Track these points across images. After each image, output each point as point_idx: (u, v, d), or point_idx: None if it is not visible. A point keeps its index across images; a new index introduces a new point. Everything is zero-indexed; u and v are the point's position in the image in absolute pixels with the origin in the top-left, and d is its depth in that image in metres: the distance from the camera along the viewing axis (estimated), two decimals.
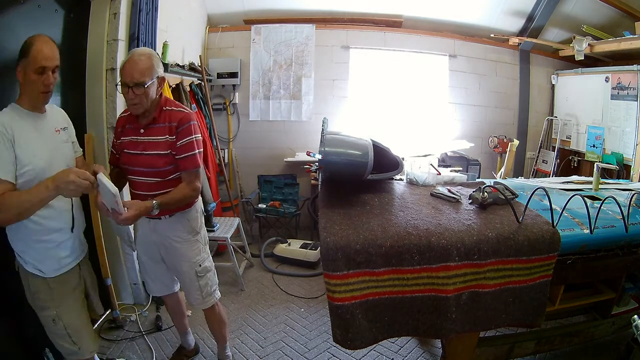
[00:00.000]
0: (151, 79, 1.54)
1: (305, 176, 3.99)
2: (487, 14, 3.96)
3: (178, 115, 1.63)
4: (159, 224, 1.74)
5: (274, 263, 3.41)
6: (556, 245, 1.37)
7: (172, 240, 1.76)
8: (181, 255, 1.78)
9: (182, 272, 1.81)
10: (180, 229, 1.76)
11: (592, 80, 3.64)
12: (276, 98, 4.08)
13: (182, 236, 1.76)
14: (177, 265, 1.81)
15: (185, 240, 1.77)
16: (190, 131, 1.63)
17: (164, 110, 1.64)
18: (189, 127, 1.62)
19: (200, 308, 1.92)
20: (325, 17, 4.00)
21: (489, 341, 1.69)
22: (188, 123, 1.62)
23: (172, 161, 1.63)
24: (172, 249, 1.77)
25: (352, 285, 1.26)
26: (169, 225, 1.74)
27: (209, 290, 1.86)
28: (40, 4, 1.92)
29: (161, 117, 1.63)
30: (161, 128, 1.62)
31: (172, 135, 1.61)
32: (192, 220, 1.79)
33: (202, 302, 1.87)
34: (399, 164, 1.78)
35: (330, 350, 2.23)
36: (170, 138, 1.61)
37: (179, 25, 3.28)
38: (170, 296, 2.02)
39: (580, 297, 1.80)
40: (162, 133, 1.62)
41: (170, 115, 1.63)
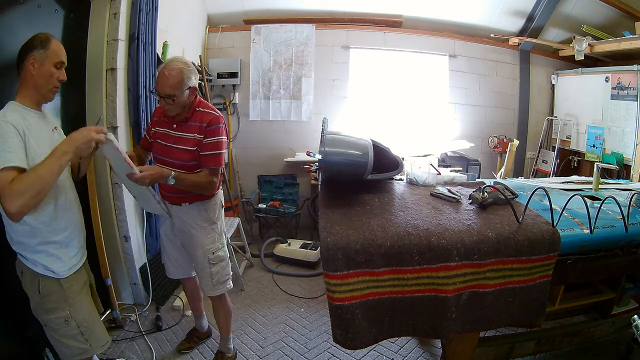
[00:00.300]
0: (181, 92, 1.67)
1: (305, 176, 3.99)
2: (487, 14, 3.96)
3: (209, 117, 1.77)
4: (179, 210, 1.88)
5: (274, 263, 3.41)
6: (556, 245, 1.37)
7: (189, 226, 1.89)
8: (197, 242, 1.90)
9: (196, 257, 1.93)
10: (198, 216, 1.88)
11: (592, 80, 3.64)
12: (276, 98, 4.08)
13: (199, 224, 1.89)
14: (193, 251, 1.93)
15: (201, 227, 1.90)
16: (218, 132, 1.77)
17: (197, 110, 1.78)
18: (217, 128, 1.76)
19: (209, 294, 2.00)
20: (325, 17, 4.00)
21: (489, 341, 1.69)
22: (217, 125, 1.77)
23: (196, 158, 1.77)
24: (189, 234, 1.91)
25: (352, 285, 1.26)
26: (188, 212, 1.88)
27: (219, 279, 1.96)
28: (40, 4, 1.92)
29: (193, 116, 1.77)
30: (192, 126, 1.77)
31: (201, 134, 1.75)
32: (209, 210, 1.91)
33: (211, 289, 1.96)
34: (399, 164, 1.78)
35: (330, 350, 2.23)
36: (198, 136, 1.75)
37: (179, 25, 3.28)
38: (188, 279, 2.15)
39: (580, 297, 1.80)
40: (193, 131, 1.76)
41: (202, 116, 1.77)
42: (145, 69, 2.47)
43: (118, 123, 2.36)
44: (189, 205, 1.86)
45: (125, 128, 2.45)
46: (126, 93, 2.43)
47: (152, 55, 2.55)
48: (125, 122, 2.44)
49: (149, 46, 2.51)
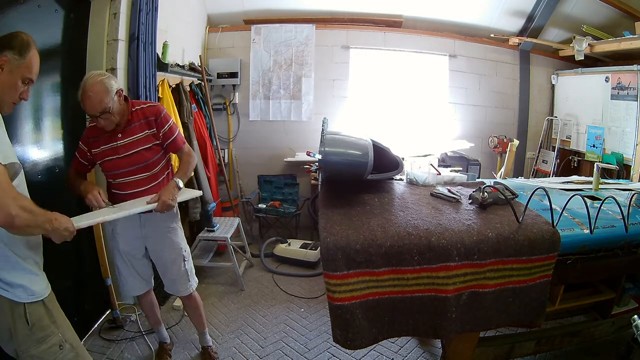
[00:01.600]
0: (112, 100, 1.63)
1: (305, 176, 3.99)
2: (487, 14, 3.96)
3: (150, 110, 1.79)
4: (150, 217, 1.82)
5: (274, 263, 3.40)
6: (556, 245, 1.37)
7: (163, 230, 1.87)
8: (171, 244, 1.89)
9: (170, 260, 1.91)
10: (167, 218, 1.87)
11: (592, 80, 3.64)
12: (276, 98, 4.08)
13: (171, 225, 1.90)
14: (166, 254, 1.90)
15: (172, 228, 1.91)
16: (168, 119, 1.81)
17: (134, 110, 1.78)
18: (165, 115, 1.80)
19: (186, 293, 2.00)
20: (325, 17, 4.00)
21: (489, 341, 1.69)
22: (162, 113, 1.80)
23: (158, 151, 1.79)
24: (162, 239, 1.88)
25: (352, 285, 1.26)
26: (161, 217, 1.83)
27: (192, 274, 2.00)
28: (40, 4, 1.92)
29: (134, 117, 1.77)
30: (139, 126, 1.76)
31: (151, 128, 1.77)
32: (175, 209, 1.89)
33: (189, 287, 1.98)
34: (399, 164, 1.78)
35: (330, 350, 2.23)
36: (149, 131, 1.77)
37: (179, 25, 3.28)
38: (147, 293, 2.06)
39: (580, 297, 1.80)
40: (142, 129, 1.76)
41: (143, 112, 1.78)
42: (145, 69, 2.47)
43: None
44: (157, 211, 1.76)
45: None
46: (126, 93, 2.42)
47: (152, 55, 2.55)
48: None
49: (149, 46, 2.51)
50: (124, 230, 1.87)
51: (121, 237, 1.89)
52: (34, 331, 1.18)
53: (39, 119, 2.01)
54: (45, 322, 1.21)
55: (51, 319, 1.23)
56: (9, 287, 1.14)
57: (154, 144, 1.77)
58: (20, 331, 1.17)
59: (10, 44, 1.15)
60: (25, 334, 1.17)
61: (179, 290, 1.99)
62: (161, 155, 1.81)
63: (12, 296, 1.14)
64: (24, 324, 1.16)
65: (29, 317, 1.17)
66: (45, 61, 2.00)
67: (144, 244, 1.90)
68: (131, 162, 1.73)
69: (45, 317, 1.22)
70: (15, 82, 1.17)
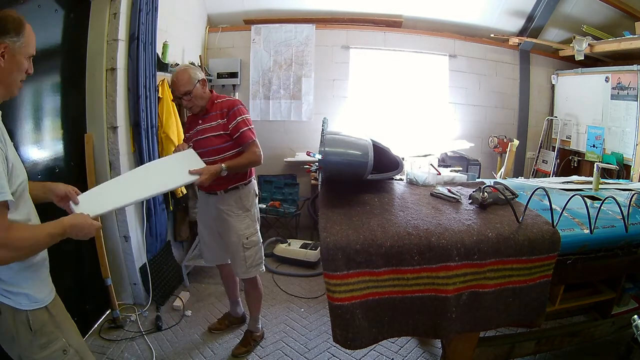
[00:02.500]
0: (193, 85, 1.92)
1: (305, 176, 3.99)
2: (487, 14, 3.95)
3: (226, 103, 2.00)
4: (214, 198, 2.06)
5: (274, 263, 3.40)
6: (556, 245, 1.37)
7: (225, 213, 2.04)
8: (231, 227, 2.04)
9: (231, 242, 2.06)
10: (233, 204, 2.04)
11: (592, 80, 3.63)
12: (276, 98, 4.08)
13: (234, 211, 2.04)
14: (228, 236, 2.06)
15: (236, 215, 2.04)
16: (239, 112, 1.96)
17: (216, 102, 2.01)
18: (237, 109, 1.97)
19: (243, 277, 2.13)
20: (325, 17, 4.00)
21: (489, 341, 1.69)
22: (236, 107, 1.97)
23: (226, 140, 1.96)
24: (224, 221, 2.05)
25: (352, 285, 1.26)
26: (223, 200, 2.03)
27: (253, 262, 2.09)
28: (40, 4, 1.92)
29: (213, 107, 2.00)
30: (214, 115, 1.98)
31: (223, 118, 1.96)
32: (243, 198, 2.06)
33: (245, 272, 2.09)
34: (399, 164, 1.78)
35: (330, 350, 2.23)
36: (221, 121, 1.96)
37: (179, 25, 3.28)
38: (224, 266, 2.29)
39: (580, 297, 1.80)
40: (216, 119, 1.97)
41: (221, 104, 2.00)
42: (145, 69, 2.47)
43: (118, 123, 2.36)
44: (224, 194, 2.02)
45: (125, 128, 2.45)
46: (126, 93, 2.43)
47: (152, 55, 2.55)
48: (125, 122, 2.44)
49: (149, 46, 2.51)
50: (201, 207, 2.19)
51: (200, 212, 2.21)
52: (36, 337, 1.15)
53: (39, 119, 2.01)
54: (48, 328, 1.18)
55: (55, 324, 1.20)
56: (11, 294, 1.11)
57: (223, 133, 1.94)
58: (22, 337, 1.14)
59: (5, 28, 1.09)
60: (27, 340, 1.14)
61: (236, 271, 2.14)
62: (231, 145, 1.96)
63: (14, 304, 1.11)
64: (27, 330, 1.13)
65: (32, 324, 1.14)
66: (45, 61, 2.02)
67: (214, 221, 2.11)
68: (203, 144, 1.96)
69: (49, 322, 1.19)
70: (21, 63, 1.14)
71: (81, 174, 2.29)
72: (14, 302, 1.11)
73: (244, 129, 1.96)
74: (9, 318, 1.12)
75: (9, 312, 1.12)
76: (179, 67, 2.03)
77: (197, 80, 1.94)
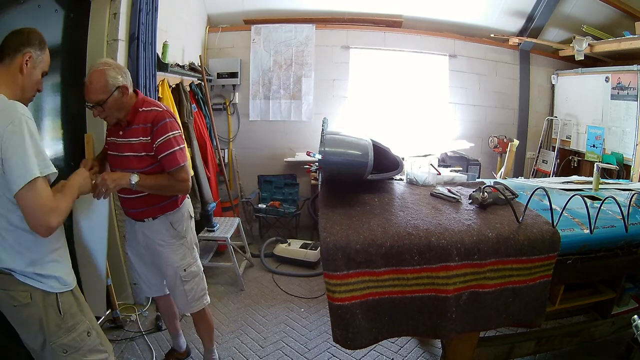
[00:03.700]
0: (108, 94, 1.51)
1: (305, 176, 3.99)
2: (487, 14, 3.96)
3: (151, 115, 1.58)
4: (142, 227, 1.74)
5: (274, 263, 3.40)
6: (556, 245, 1.37)
7: (156, 243, 1.75)
8: (165, 259, 1.76)
9: (167, 275, 1.82)
10: (164, 232, 1.74)
11: (592, 80, 3.64)
12: (276, 98, 4.08)
13: (166, 240, 1.75)
14: (162, 269, 1.81)
15: (168, 244, 1.75)
16: (166, 129, 1.57)
17: (140, 111, 1.60)
18: (163, 125, 1.57)
19: (187, 312, 1.91)
20: (325, 17, 4.00)
21: (489, 341, 1.69)
22: (163, 121, 1.57)
23: (150, 162, 1.59)
24: (156, 252, 1.77)
25: (352, 285, 1.26)
26: (152, 228, 1.73)
27: (195, 295, 1.83)
28: (40, 4, 1.92)
29: (136, 118, 1.60)
30: (136, 130, 1.59)
31: (146, 136, 1.58)
32: (175, 224, 1.76)
33: (187, 307, 1.85)
34: (399, 164, 1.78)
35: (330, 350, 2.23)
36: (144, 139, 1.58)
37: (179, 25, 3.28)
38: (162, 297, 2.01)
39: (580, 297, 1.80)
40: (137, 134, 1.59)
41: (145, 115, 1.59)
42: (145, 69, 2.47)
43: None
44: (152, 221, 1.71)
45: None
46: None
47: (152, 55, 2.54)
48: None
49: (149, 46, 2.51)
50: (129, 236, 1.86)
51: (129, 242, 1.89)
52: (65, 320, 1.22)
53: (39, 119, 2.01)
54: (74, 310, 1.26)
55: (79, 307, 1.28)
56: (42, 278, 1.18)
57: (146, 154, 1.58)
58: (51, 321, 1.20)
59: (30, 41, 1.20)
60: (56, 323, 1.21)
61: (179, 307, 1.91)
62: (155, 168, 1.60)
63: (45, 287, 1.18)
64: (56, 313, 1.20)
65: (61, 306, 1.21)
66: None
67: (146, 251, 1.82)
68: (122, 164, 1.62)
69: (74, 305, 1.26)
70: (38, 77, 1.24)
71: None
72: (45, 286, 1.18)
73: (172, 150, 1.57)
74: (39, 303, 1.18)
75: (39, 296, 1.18)
76: (97, 63, 1.54)
77: (115, 87, 1.51)
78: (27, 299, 1.17)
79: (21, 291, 1.16)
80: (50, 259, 1.21)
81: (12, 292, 1.16)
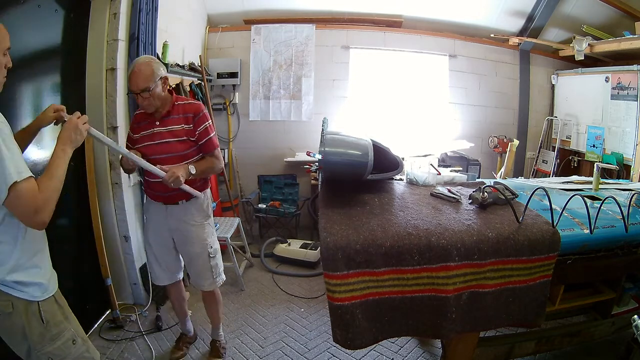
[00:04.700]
0: (154, 82, 1.73)
1: (305, 176, 3.99)
2: (487, 14, 3.96)
3: (192, 107, 1.87)
4: (175, 209, 1.91)
5: (274, 263, 3.40)
6: (556, 245, 1.37)
7: (187, 223, 1.92)
8: (196, 238, 1.94)
9: (195, 254, 1.96)
10: (195, 212, 1.93)
11: (592, 80, 3.64)
12: (276, 98, 4.08)
13: (197, 220, 1.93)
14: (191, 248, 1.95)
15: (199, 223, 1.94)
16: (205, 119, 1.87)
17: (177, 104, 1.87)
18: (203, 115, 1.86)
19: (209, 289, 2.05)
20: (325, 17, 4.00)
21: (489, 341, 1.69)
22: (202, 112, 1.87)
23: (190, 146, 1.84)
24: (187, 232, 1.93)
25: (352, 285, 1.26)
26: (186, 210, 1.91)
27: (218, 271, 2.04)
28: (40, 4, 1.92)
29: (174, 110, 1.85)
30: (177, 119, 1.84)
31: (188, 123, 1.84)
32: (205, 205, 1.97)
33: (212, 283, 2.02)
34: (399, 164, 1.78)
35: (330, 350, 2.23)
36: (186, 126, 1.83)
37: (179, 25, 3.28)
38: (174, 285, 2.14)
39: (580, 297, 1.80)
40: (179, 122, 1.84)
41: (184, 107, 1.86)
42: None
43: (118, 123, 2.36)
44: (185, 203, 1.90)
45: (125, 128, 2.44)
46: (126, 93, 2.43)
47: (152, 55, 2.54)
48: (125, 122, 2.44)
49: (149, 46, 2.51)
50: (153, 222, 1.98)
51: (151, 228, 2.00)
52: (48, 328, 1.17)
53: None
54: (58, 318, 1.21)
55: (63, 314, 1.23)
56: (23, 286, 1.12)
57: (187, 138, 1.83)
58: (34, 330, 1.15)
59: None
60: (39, 332, 1.16)
61: (201, 285, 2.03)
62: (193, 151, 1.85)
63: (27, 296, 1.13)
64: (39, 322, 1.15)
65: (44, 315, 1.16)
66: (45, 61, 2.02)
67: (172, 235, 1.96)
68: (163, 150, 1.81)
69: (58, 312, 1.21)
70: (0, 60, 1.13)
71: (81, 173, 2.29)
72: (27, 295, 1.13)
73: (211, 136, 1.87)
74: (21, 312, 1.12)
75: (21, 305, 1.12)
76: (141, 58, 1.81)
77: (159, 77, 1.76)
78: (9, 308, 1.11)
79: (3, 300, 1.11)
80: (31, 264, 1.15)
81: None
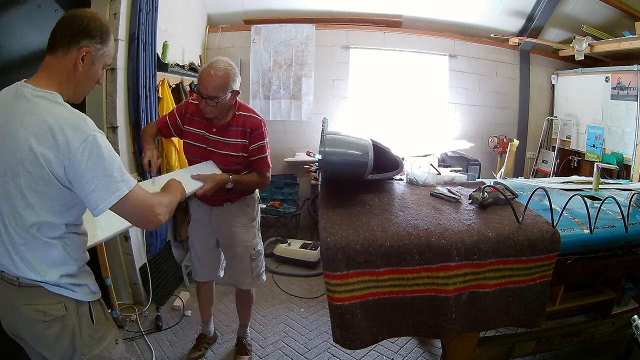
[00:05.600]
0: (224, 94, 1.63)
1: (305, 176, 3.99)
2: (487, 14, 3.96)
3: (252, 121, 1.77)
4: (220, 211, 1.90)
5: (274, 263, 3.40)
6: (556, 245, 1.37)
7: (232, 225, 1.90)
8: (239, 239, 1.92)
9: (237, 254, 1.94)
10: (241, 215, 1.92)
11: (592, 80, 3.64)
12: (276, 98, 4.08)
13: (242, 222, 1.92)
14: (232, 248, 1.95)
15: (244, 225, 1.92)
16: (263, 136, 1.79)
17: (238, 114, 1.76)
18: (261, 133, 1.78)
19: (247, 287, 2.06)
20: (325, 17, 4.00)
21: (489, 341, 1.69)
22: (261, 129, 1.78)
23: (241, 161, 1.78)
24: (230, 233, 1.91)
25: (352, 285, 1.26)
26: (231, 212, 1.90)
27: (258, 272, 2.02)
28: (40, 4, 1.92)
29: (235, 120, 1.75)
30: (235, 131, 1.75)
31: (245, 138, 1.75)
32: (250, 208, 1.96)
33: (251, 283, 2.02)
34: (399, 164, 1.78)
35: (330, 350, 2.23)
36: (243, 141, 1.75)
37: (179, 25, 3.28)
38: (207, 283, 2.14)
39: (580, 297, 1.80)
40: (236, 136, 1.75)
41: (245, 120, 1.76)
42: (145, 69, 2.47)
43: (118, 123, 2.36)
44: (230, 205, 1.89)
45: (125, 128, 2.45)
46: (126, 93, 2.42)
47: (152, 55, 2.55)
48: (125, 122, 2.44)
49: (149, 46, 2.51)
50: (197, 221, 1.99)
51: (195, 225, 2.01)
52: (97, 329, 1.15)
53: None
54: (102, 319, 1.19)
55: (106, 315, 1.21)
56: (77, 287, 1.09)
57: (242, 155, 1.77)
58: (85, 331, 1.12)
59: (90, 33, 1.01)
60: (89, 333, 1.13)
61: (240, 283, 2.03)
62: (242, 167, 1.80)
63: (80, 296, 1.10)
64: (89, 323, 1.12)
65: (94, 315, 1.14)
66: None
67: (215, 236, 1.97)
68: (214, 159, 1.76)
69: (102, 313, 1.20)
70: (97, 73, 1.09)
71: None
72: (79, 295, 1.10)
73: (264, 156, 1.82)
74: (73, 314, 1.09)
75: (73, 307, 1.09)
76: (219, 60, 1.67)
77: (232, 89, 1.66)
78: (62, 310, 1.06)
79: (54, 303, 1.05)
80: (83, 270, 1.14)
81: (41, 307, 1.04)
